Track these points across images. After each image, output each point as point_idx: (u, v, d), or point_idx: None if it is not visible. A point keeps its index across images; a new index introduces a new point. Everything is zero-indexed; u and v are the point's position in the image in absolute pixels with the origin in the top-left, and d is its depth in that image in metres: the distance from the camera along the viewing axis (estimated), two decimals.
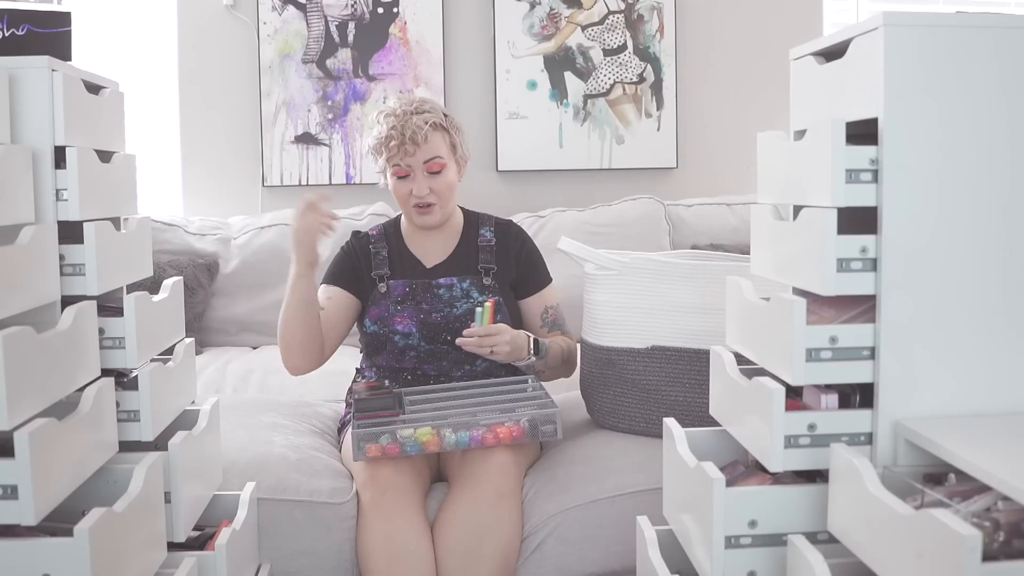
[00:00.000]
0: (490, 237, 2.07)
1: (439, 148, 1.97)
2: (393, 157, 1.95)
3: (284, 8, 3.23)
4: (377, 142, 1.98)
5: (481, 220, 2.11)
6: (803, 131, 1.29)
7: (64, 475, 1.18)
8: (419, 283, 1.99)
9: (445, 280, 2.00)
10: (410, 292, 1.98)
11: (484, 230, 2.08)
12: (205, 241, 2.99)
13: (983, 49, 1.16)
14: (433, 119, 1.97)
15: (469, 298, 1.98)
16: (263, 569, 1.71)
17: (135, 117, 2.43)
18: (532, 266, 2.10)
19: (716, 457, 1.43)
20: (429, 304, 1.97)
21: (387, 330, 1.97)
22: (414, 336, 1.96)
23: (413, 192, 1.97)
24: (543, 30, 3.33)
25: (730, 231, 3.11)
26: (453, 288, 1.99)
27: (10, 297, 1.13)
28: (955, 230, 1.18)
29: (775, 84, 3.37)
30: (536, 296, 2.09)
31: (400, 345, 1.97)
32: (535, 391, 1.91)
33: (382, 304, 1.98)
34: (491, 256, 2.04)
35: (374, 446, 1.73)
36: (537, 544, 1.80)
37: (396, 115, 1.96)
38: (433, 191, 1.97)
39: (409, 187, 1.97)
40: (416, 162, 1.95)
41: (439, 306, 1.97)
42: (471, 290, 1.99)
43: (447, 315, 1.97)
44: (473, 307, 1.96)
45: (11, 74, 1.23)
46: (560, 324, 2.12)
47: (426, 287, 1.99)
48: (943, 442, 1.09)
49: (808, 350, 1.20)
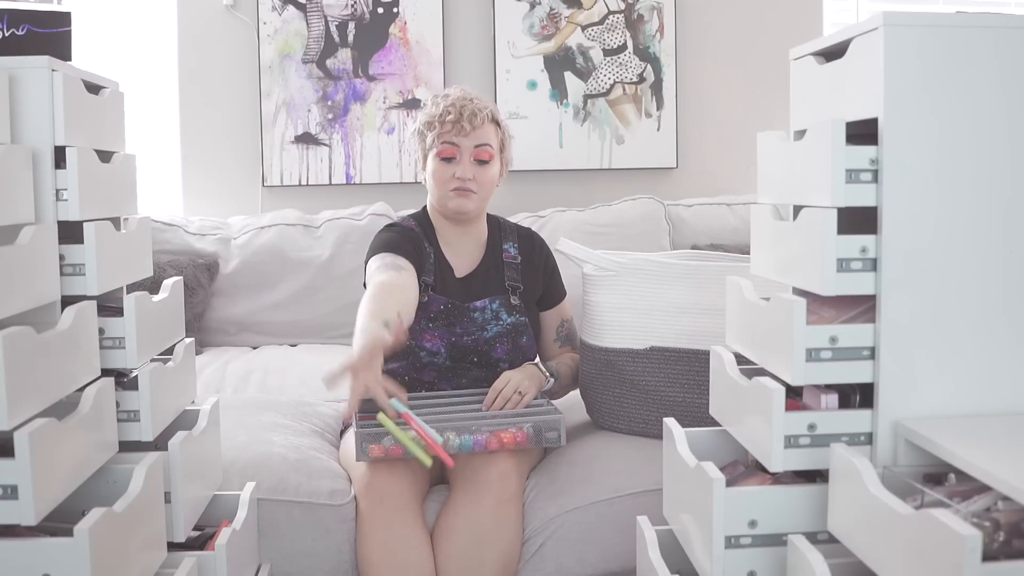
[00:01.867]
0: (515, 254, 2.07)
1: (491, 137, 1.99)
2: (446, 133, 1.95)
3: (284, 8, 3.23)
4: (430, 118, 1.98)
5: (503, 231, 2.10)
6: (803, 131, 1.29)
7: (64, 475, 1.18)
8: (456, 306, 1.96)
9: (480, 303, 1.98)
10: (445, 311, 1.96)
11: (508, 245, 2.07)
12: (205, 241, 2.99)
13: (983, 49, 1.16)
14: (490, 109, 2.00)
15: (499, 320, 1.98)
16: (263, 569, 1.71)
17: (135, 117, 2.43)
18: (553, 280, 2.12)
19: (716, 457, 1.43)
20: (463, 328, 1.96)
21: (414, 343, 1.94)
22: (440, 355, 1.95)
23: (456, 175, 1.96)
24: (543, 30, 3.33)
25: (730, 231, 3.10)
26: (486, 311, 1.98)
27: (10, 297, 1.13)
28: (955, 230, 1.18)
29: (775, 84, 3.37)
30: (554, 310, 2.11)
31: (424, 361, 1.95)
32: (537, 399, 1.91)
33: (415, 316, 1.85)
34: (517, 273, 2.04)
35: (377, 446, 1.72)
36: (537, 547, 1.79)
37: (456, 97, 1.98)
38: (476, 179, 1.97)
39: (452, 170, 1.96)
40: (467, 144, 1.96)
41: (472, 329, 1.96)
42: (500, 311, 1.99)
43: (478, 338, 1.96)
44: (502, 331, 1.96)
45: (11, 74, 1.23)
46: (572, 339, 2.13)
47: (462, 311, 1.96)
48: (943, 442, 1.09)
49: (808, 350, 1.20)
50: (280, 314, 2.89)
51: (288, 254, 2.95)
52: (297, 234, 3.00)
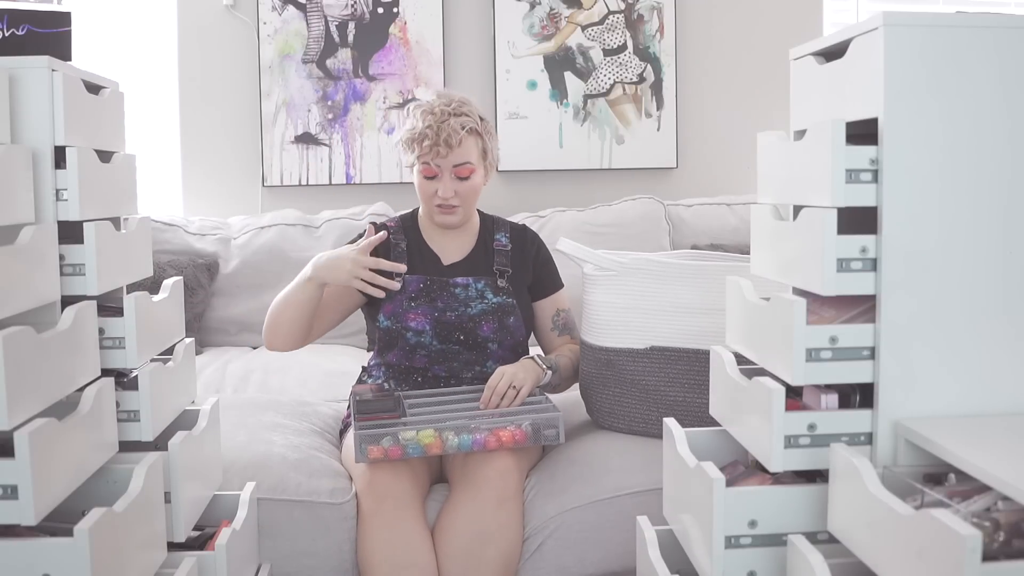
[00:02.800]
0: (506, 242, 2.08)
1: (470, 153, 1.96)
2: (424, 155, 1.95)
3: (284, 8, 3.23)
4: (410, 137, 1.96)
5: (496, 225, 2.12)
6: (803, 131, 1.29)
7: (64, 475, 1.18)
8: (435, 280, 1.99)
9: (462, 280, 2.00)
10: (425, 288, 1.98)
11: (500, 235, 2.09)
12: (205, 241, 2.99)
13: (983, 49, 1.16)
14: (470, 124, 1.95)
15: (483, 299, 1.98)
16: (263, 569, 1.71)
17: (135, 117, 2.43)
18: (546, 270, 2.12)
19: (716, 457, 1.43)
20: (444, 303, 1.97)
21: (400, 326, 1.96)
22: (427, 334, 1.96)
23: (438, 193, 1.97)
24: (543, 30, 3.33)
25: (730, 231, 3.11)
26: (469, 288, 1.99)
27: (10, 297, 1.13)
28: (955, 230, 1.18)
29: (775, 84, 3.37)
30: (548, 300, 2.10)
31: (412, 343, 1.96)
32: (536, 396, 1.91)
33: (396, 299, 1.97)
34: (507, 260, 2.05)
35: (376, 448, 1.73)
36: (537, 545, 1.79)
37: (434, 114, 1.94)
38: (458, 194, 1.97)
39: (435, 187, 1.97)
40: (446, 164, 1.95)
41: (454, 305, 1.97)
42: (485, 291, 1.99)
43: (461, 314, 1.96)
44: (487, 309, 1.96)
45: (11, 74, 1.23)
46: (571, 329, 2.13)
47: (442, 285, 1.98)
48: (943, 442, 1.09)
49: (808, 350, 1.20)
50: None
51: (288, 254, 2.95)
52: (297, 234, 3.00)
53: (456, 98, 1.99)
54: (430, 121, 1.93)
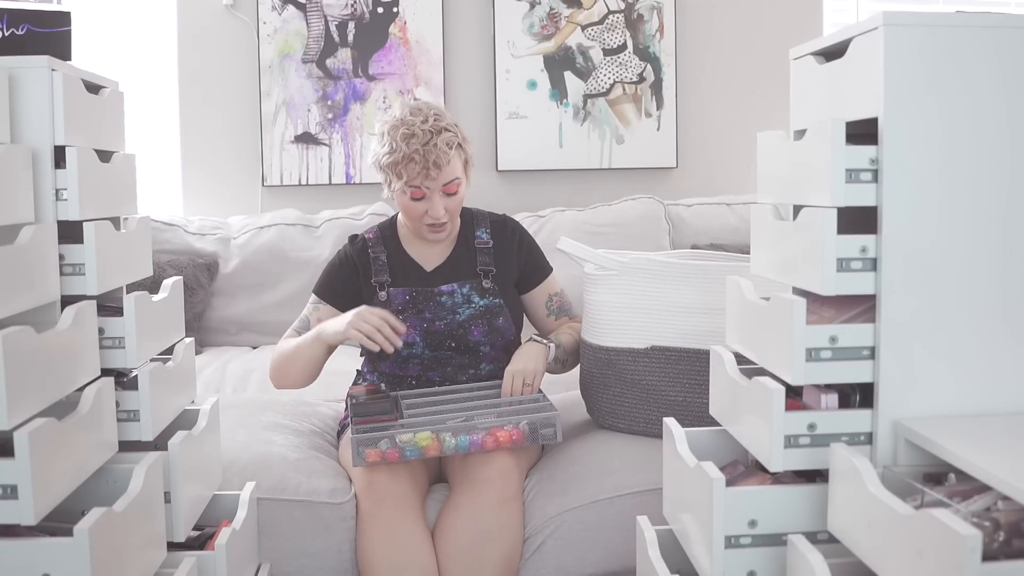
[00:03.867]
0: (487, 239, 2.05)
1: (457, 169, 1.92)
2: (413, 180, 1.87)
3: (284, 8, 3.23)
4: (393, 162, 1.87)
5: (476, 220, 2.08)
6: (803, 131, 1.29)
7: (64, 475, 1.18)
8: (420, 291, 1.97)
9: (447, 287, 1.98)
10: (411, 300, 1.96)
11: (480, 231, 2.06)
12: (205, 241, 2.99)
13: (983, 49, 1.16)
14: (455, 140, 1.90)
15: (470, 303, 1.97)
16: (263, 569, 1.71)
17: (135, 117, 2.43)
18: (532, 259, 2.09)
19: (716, 457, 1.43)
20: (432, 312, 1.95)
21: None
22: (418, 345, 1.95)
23: (429, 213, 1.91)
24: (543, 30, 3.33)
25: (730, 231, 3.11)
26: (454, 295, 1.97)
27: (10, 297, 1.13)
28: (955, 230, 1.18)
29: (775, 84, 3.37)
30: (539, 288, 2.09)
31: (404, 355, 1.95)
32: (533, 394, 1.91)
33: None
34: (489, 258, 2.03)
35: (373, 451, 1.72)
36: (537, 545, 1.79)
37: (416, 136, 1.85)
38: (448, 210, 1.93)
39: (424, 207, 1.91)
40: (435, 185, 1.89)
41: (442, 314, 1.96)
42: (472, 295, 1.98)
43: (450, 322, 1.96)
44: (475, 312, 1.96)
45: (11, 74, 1.23)
46: (567, 309, 2.12)
47: (428, 295, 1.96)
48: (943, 442, 1.08)
49: (808, 350, 1.20)
50: (280, 314, 2.89)
51: (288, 254, 2.95)
52: (297, 234, 3.00)
53: (430, 112, 1.91)
54: (415, 145, 1.85)
